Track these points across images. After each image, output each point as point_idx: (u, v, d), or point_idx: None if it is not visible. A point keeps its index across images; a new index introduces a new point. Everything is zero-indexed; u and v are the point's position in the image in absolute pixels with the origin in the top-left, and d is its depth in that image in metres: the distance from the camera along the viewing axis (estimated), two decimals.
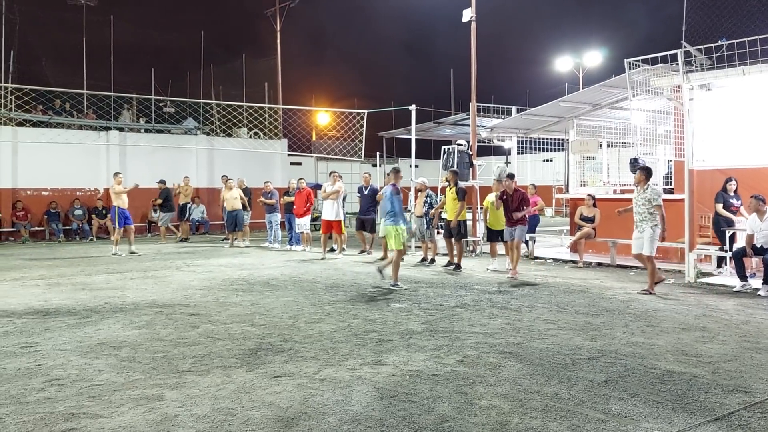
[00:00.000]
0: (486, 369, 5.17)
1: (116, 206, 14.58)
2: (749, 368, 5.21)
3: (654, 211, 8.97)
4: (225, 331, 6.60)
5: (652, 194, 9.03)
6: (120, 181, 14.70)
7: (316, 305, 8.03)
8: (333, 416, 4.13)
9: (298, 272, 11.28)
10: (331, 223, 13.79)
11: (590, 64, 33.22)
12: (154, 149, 20.67)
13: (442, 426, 3.97)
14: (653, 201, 8.98)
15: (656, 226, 8.97)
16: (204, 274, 11.02)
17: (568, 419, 4.07)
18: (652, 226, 8.98)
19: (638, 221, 9.17)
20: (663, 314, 7.49)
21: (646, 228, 9.03)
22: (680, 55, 10.06)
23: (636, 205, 9.22)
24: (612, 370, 5.16)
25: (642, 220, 9.10)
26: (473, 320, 7.12)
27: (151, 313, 7.54)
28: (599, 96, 14.20)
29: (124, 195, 14.65)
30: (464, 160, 14.88)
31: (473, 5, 15.26)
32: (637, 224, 9.20)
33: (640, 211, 9.13)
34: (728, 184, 10.37)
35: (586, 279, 10.49)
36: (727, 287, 9.39)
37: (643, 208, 9.08)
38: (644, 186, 9.13)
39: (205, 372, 5.12)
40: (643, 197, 9.09)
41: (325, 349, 5.83)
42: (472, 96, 15.62)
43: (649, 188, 9.10)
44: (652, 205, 8.97)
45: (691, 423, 4.02)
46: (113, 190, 14.63)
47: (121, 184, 14.66)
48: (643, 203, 9.06)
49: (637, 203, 9.18)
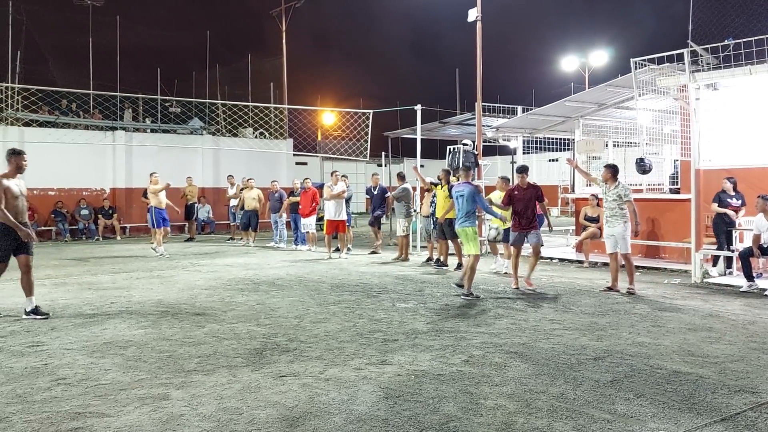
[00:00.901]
0: (491, 369, 5.17)
1: (152, 206, 14.58)
2: (756, 369, 5.18)
3: (624, 207, 8.90)
4: (230, 330, 6.61)
5: (623, 190, 8.95)
6: (156, 180, 14.74)
7: (322, 305, 8.04)
8: (338, 416, 4.13)
9: (303, 272, 11.29)
10: (335, 223, 13.80)
11: (596, 64, 33.14)
12: (160, 149, 20.72)
13: (448, 426, 3.96)
14: (623, 197, 8.90)
15: (627, 222, 8.91)
16: (209, 274, 11.05)
17: (574, 419, 4.07)
18: (624, 222, 8.91)
19: (608, 216, 9.11)
20: (669, 314, 7.46)
21: (617, 224, 8.96)
22: (686, 54, 10.02)
23: (606, 201, 9.16)
24: (618, 370, 5.14)
25: (613, 216, 9.01)
26: (479, 320, 7.11)
27: (157, 313, 7.57)
28: (605, 96, 14.15)
29: (162, 194, 14.68)
30: (470, 160, 14.86)
31: (479, 5, 15.25)
32: (607, 219, 9.14)
33: (611, 206, 9.05)
34: (724, 182, 10.29)
35: (591, 279, 10.46)
36: (733, 287, 9.34)
37: (613, 203, 8.99)
38: (614, 183, 9.03)
39: (210, 371, 5.13)
40: (613, 193, 8.99)
41: (330, 348, 5.84)
42: (478, 95, 15.60)
43: (619, 184, 9.03)
44: (622, 201, 8.89)
45: (697, 423, 4.00)
46: (150, 190, 14.67)
47: (157, 184, 14.70)
48: (614, 199, 8.97)
49: (607, 199, 9.11)
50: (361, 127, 16.24)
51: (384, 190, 14.75)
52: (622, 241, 8.98)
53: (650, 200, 13.22)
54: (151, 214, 14.60)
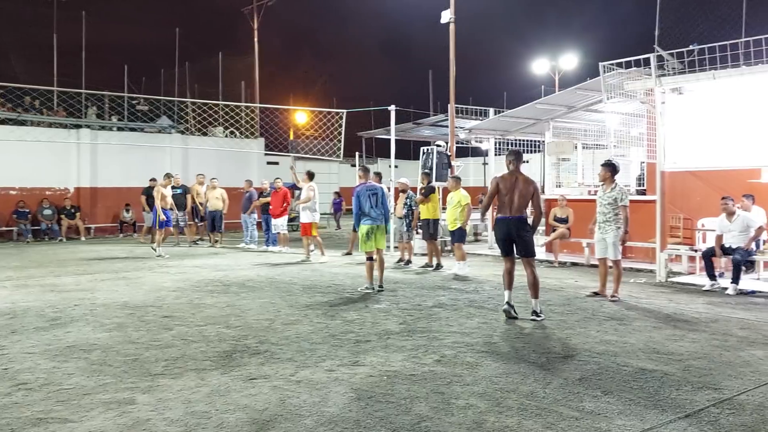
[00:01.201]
0: (463, 368, 5.19)
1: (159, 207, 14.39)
2: (718, 366, 5.30)
3: (619, 212, 8.48)
4: (199, 333, 6.52)
5: (620, 194, 8.47)
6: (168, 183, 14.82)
7: (293, 306, 7.98)
8: (309, 418, 4.10)
9: (274, 273, 11.20)
10: (303, 225, 13.62)
11: (566, 67, 33.58)
12: (127, 148, 20.37)
13: (419, 426, 3.96)
14: (620, 201, 8.44)
15: (620, 228, 8.48)
16: (178, 276, 10.88)
17: (543, 417, 4.10)
18: (617, 227, 8.50)
19: (601, 222, 8.65)
20: (635, 313, 7.59)
21: (610, 230, 8.54)
22: (653, 59, 10.21)
23: (600, 205, 8.68)
24: (586, 368, 5.21)
25: (606, 221, 8.58)
26: (451, 320, 7.14)
27: (122, 315, 7.42)
28: (574, 98, 14.36)
29: (169, 197, 14.73)
30: (443, 161, 14.94)
31: (452, 7, 15.35)
32: (600, 225, 8.70)
33: (604, 211, 8.59)
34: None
35: (561, 278, 10.60)
36: (696, 286, 9.55)
37: (608, 207, 8.54)
38: (611, 185, 8.59)
39: (178, 375, 5.04)
40: (609, 196, 8.53)
41: (302, 350, 5.80)
42: (451, 97, 15.69)
43: (616, 187, 8.56)
44: (617, 206, 8.46)
45: (662, 420, 4.08)
46: (158, 191, 14.50)
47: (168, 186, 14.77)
48: (609, 203, 8.52)
49: (602, 203, 8.64)
50: (334, 127, 16.18)
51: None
52: (613, 248, 8.56)
53: None
54: (155, 214, 14.46)
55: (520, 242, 7.43)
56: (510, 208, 7.43)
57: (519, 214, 7.44)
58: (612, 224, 8.54)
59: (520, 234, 7.42)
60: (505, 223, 7.44)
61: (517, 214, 7.43)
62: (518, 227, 7.41)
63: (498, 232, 7.57)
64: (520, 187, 7.43)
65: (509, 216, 7.42)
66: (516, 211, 7.42)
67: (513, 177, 7.50)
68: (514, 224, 7.40)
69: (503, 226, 7.47)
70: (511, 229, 7.41)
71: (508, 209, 7.43)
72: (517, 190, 7.42)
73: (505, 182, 7.49)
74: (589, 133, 16.14)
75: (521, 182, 7.45)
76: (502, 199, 7.49)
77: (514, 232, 7.40)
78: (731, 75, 9.46)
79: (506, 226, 7.43)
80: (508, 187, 7.46)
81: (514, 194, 7.41)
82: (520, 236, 7.42)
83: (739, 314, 7.52)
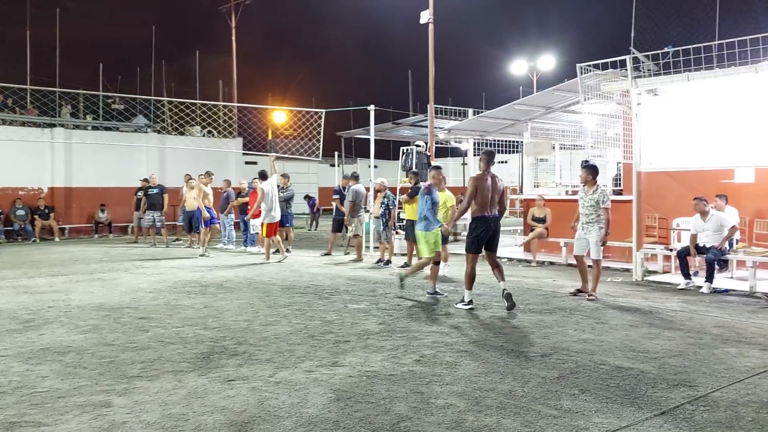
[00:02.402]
0: (442, 368, 5.20)
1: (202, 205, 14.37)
2: (693, 363, 5.38)
3: (601, 214, 8.61)
4: (176, 334, 6.44)
5: (602, 196, 8.60)
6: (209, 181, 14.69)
7: (272, 307, 7.93)
8: (288, 419, 4.08)
9: (253, 274, 11.12)
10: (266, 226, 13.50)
11: (544, 68, 33.89)
12: (102, 147, 20.10)
13: (399, 426, 3.96)
14: (602, 203, 8.58)
15: (602, 228, 8.60)
16: (154, 277, 10.75)
17: (522, 416, 4.13)
18: (599, 228, 8.61)
19: (584, 223, 8.78)
20: (612, 312, 7.68)
21: (593, 230, 8.66)
22: (629, 61, 10.34)
23: (583, 206, 8.81)
24: (564, 366, 5.26)
25: (589, 222, 8.70)
26: (430, 319, 7.15)
27: (97, 317, 7.30)
28: (552, 99, 14.48)
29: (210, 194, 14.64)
30: (422, 161, 14.97)
31: (431, 7, 15.39)
32: (583, 225, 8.82)
33: (587, 212, 8.72)
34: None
35: (539, 278, 10.68)
36: (672, 285, 9.69)
37: (591, 209, 8.66)
38: (593, 186, 8.70)
39: (154, 377, 4.98)
40: (591, 198, 8.66)
41: (280, 351, 5.76)
42: (430, 97, 15.74)
43: (598, 189, 8.68)
44: (599, 207, 8.59)
45: (638, 417, 4.12)
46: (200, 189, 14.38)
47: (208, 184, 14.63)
48: (591, 204, 8.65)
49: (585, 204, 8.76)
50: (313, 127, 16.12)
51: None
52: (595, 247, 8.67)
53: None
54: (200, 214, 14.52)
55: (495, 238, 7.96)
56: (490, 207, 7.81)
57: (495, 212, 7.89)
58: (595, 225, 8.70)
59: (497, 230, 7.95)
60: (486, 222, 7.79)
61: (494, 212, 7.88)
62: (496, 224, 7.90)
63: (479, 230, 7.82)
64: (495, 186, 7.88)
65: (489, 215, 7.80)
66: (494, 209, 7.86)
67: (487, 176, 7.90)
68: (493, 222, 7.83)
69: (484, 224, 7.80)
70: (490, 227, 7.81)
71: (489, 208, 7.80)
72: (494, 189, 7.85)
73: (483, 182, 7.84)
74: (566, 134, 16.30)
75: (495, 182, 7.91)
76: (484, 199, 7.77)
77: (493, 229, 7.84)
78: (705, 77, 9.62)
79: (487, 224, 7.80)
80: (487, 186, 7.82)
81: (493, 193, 7.83)
82: (497, 232, 7.95)
83: (714, 312, 7.65)
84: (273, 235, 13.29)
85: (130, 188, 20.34)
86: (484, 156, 8.08)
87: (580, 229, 8.93)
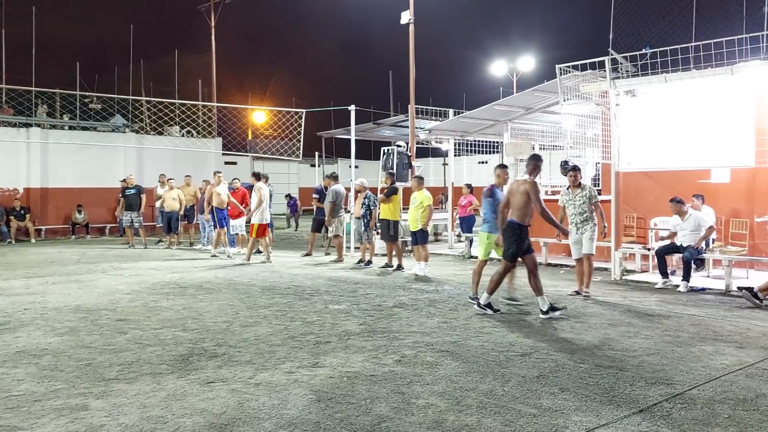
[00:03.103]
0: (423, 368, 5.21)
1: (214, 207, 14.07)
2: (670, 361, 5.45)
3: (594, 209, 8.74)
4: (155, 336, 6.37)
5: (592, 191, 8.81)
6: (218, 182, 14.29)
7: (252, 308, 7.88)
8: (268, 421, 4.05)
9: (233, 275, 11.05)
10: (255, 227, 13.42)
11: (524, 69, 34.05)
12: (79, 147, 19.84)
13: (380, 426, 3.96)
14: (594, 198, 8.76)
15: (595, 225, 8.76)
16: (132, 278, 10.63)
17: (502, 415, 4.15)
18: (593, 225, 8.76)
19: (580, 222, 8.81)
20: (591, 310, 7.75)
21: (587, 228, 8.75)
22: (607, 62, 10.46)
23: (575, 206, 8.86)
24: (543, 365, 5.29)
25: (584, 221, 8.77)
26: (411, 320, 7.15)
27: (74, 319, 7.20)
28: (532, 100, 14.57)
29: (223, 194, 14.22)
30: (403, 161, 14.98)
31: (411, 7, 15.40)
32: (577, 225, 8.83)
33: (582, 210, 8.78)
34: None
35: (519, 277, 10.68)
36: (649, 284, 9.81)
37: (584, 207, 8.75)
38: (580, 186, 8.85)
39: (133, 379, 4.92)
40: (583, 195, 8.78)
41: (260, 352, 5.72)
42: (411, 98, 15.75)
43: (586, 187, 8.87)
44: (591, 204, 8.73)
45: (617, 415, 4.17)
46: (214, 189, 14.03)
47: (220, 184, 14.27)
48: (584, 202, 8.75)
49: (576, 204, 8.84)
50: (293, 126, 16.05)
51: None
52: (590, 242, 8.75)
53: None
54: (213, 214, 14.18)
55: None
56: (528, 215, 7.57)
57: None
58: (589, 222, 8.80)
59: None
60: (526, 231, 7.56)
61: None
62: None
63: (523, 238, 7.52)
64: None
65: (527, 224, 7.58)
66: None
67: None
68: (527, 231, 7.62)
69: (526, 233, 7.59)
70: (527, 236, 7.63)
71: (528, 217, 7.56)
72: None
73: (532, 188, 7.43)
74: (546, 134, 16.41)
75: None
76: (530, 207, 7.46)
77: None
78: (682, 78, 9.77)
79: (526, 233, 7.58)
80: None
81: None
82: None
83: (691, 311, 7.76)
84: (262, 236, 13.23)
85: (107, 189, 20.10)
86: (532, 161, 7.73)
87: (573, 231, 8.86)
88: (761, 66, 9.27)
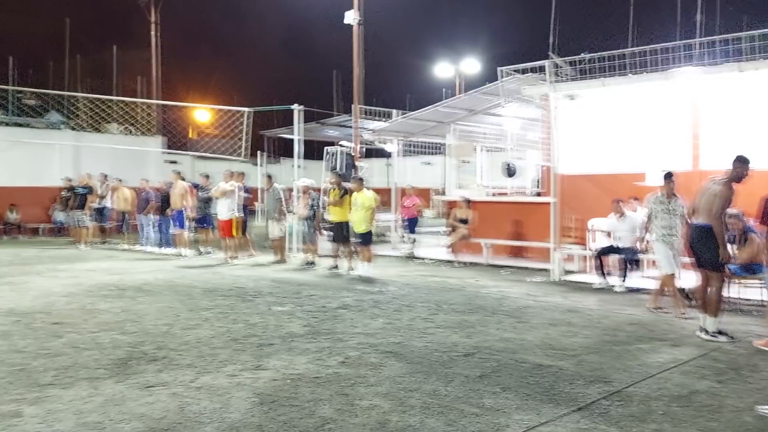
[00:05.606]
0: (367, 369, 5.22)
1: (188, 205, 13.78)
2: (608, 360, 5.63)
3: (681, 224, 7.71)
4: (92, 340, 6.16)
5: (680, 199, 7.87)
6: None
7: (193, 310, 7.71)
8: (210, 425, 3.98)
9: (173, 276, 10.78)
10: (223, 223, 13.18)
11: (468, 71, 34.48)
12: (13, 144, 18.99)
13: (324, 428, 3.94)
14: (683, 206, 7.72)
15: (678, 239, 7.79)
16: (69, 280, 10.23)
17: (445, 415, 4.20)
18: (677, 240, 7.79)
19: (668, 235, 7.81)
20: (532, 311, 7.93)
21: (675, 240, 7.77)
22: (548, 66, 10.72)
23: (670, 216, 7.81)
24: (486, 365, 5.38)
25: (672, 234, 7.77)
26: (355, 321, 7.15)
27: (7, 323, 6.88)
28: (475, 102, 14.80)
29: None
30: (348, 162, 14.96)
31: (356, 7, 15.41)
32: (665, 237, 7.83)
33: (671, 224, 7.78)
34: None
35: (462, 278, 10.89)
36: (589, 284, 10.10)
37: (675, 218, 7.78)
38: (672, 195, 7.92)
39: (69, 385, 4.74)
40: (677, 204, 7.83)
41: (202, 355, 5.61)
42: (355, 98, 15.79)
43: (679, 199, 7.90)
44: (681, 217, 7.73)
45: (557, 413, 4.28)
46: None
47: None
48: (681, 214, 7.71)
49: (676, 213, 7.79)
50: (235, 125, 15.77)
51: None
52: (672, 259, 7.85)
53: (515, 203, 14.04)
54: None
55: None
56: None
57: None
58: (677, 237, 7.79)
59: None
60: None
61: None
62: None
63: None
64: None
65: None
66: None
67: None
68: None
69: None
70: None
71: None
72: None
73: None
74: (488, 136, 16.69)
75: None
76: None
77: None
78: (619, 82, 10.11)
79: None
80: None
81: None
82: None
83: (628, 310, 8.02)
84: (229, 235, 13.05)
85: (42, 188, 19.29)
86: (739, 163, 6.47)
87: (662, 244, 7.86)
88: (695, 72, 9.66)
